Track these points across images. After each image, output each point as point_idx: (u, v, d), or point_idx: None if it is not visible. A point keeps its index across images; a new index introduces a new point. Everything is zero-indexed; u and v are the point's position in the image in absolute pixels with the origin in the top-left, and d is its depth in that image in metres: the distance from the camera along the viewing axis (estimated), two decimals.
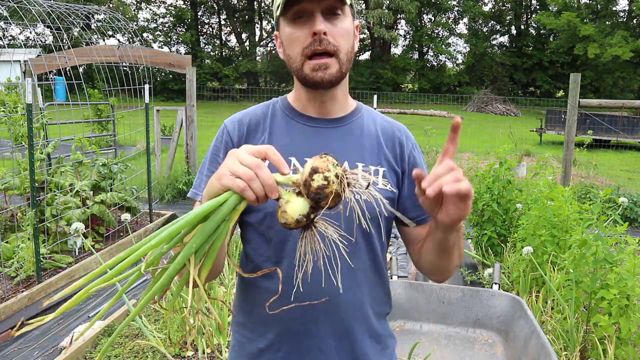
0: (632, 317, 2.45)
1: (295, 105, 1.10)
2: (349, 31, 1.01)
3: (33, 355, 2.87)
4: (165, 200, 6.49)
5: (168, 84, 27.66)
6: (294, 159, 1.03)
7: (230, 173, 0.77)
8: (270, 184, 0.77)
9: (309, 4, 0.95)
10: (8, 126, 4.57)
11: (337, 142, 1.06)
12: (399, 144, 1.11)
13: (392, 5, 28.09)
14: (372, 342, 1.08)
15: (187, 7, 32.04)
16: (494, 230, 4.12)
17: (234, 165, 0.78)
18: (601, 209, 3.05)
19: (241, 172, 0.76)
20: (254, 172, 0.76)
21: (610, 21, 29.07)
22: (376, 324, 1.10)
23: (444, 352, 2.43)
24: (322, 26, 0.95)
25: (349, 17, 1.02)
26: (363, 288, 1.05)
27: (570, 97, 5.48)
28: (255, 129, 1.08)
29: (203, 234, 0.78)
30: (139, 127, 6.30)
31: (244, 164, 0.77)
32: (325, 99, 1.06)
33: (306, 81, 1.01)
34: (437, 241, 0.96)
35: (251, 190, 0.76)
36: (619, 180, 8.02)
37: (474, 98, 25.36)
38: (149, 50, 7.29)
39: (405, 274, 4.12)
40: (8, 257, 3.82)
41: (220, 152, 1.08)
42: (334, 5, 0.97)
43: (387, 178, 1.06)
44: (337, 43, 0.98)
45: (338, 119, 1.08)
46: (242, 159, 0.78)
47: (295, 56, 0.99)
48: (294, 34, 0.98)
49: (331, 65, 0.98)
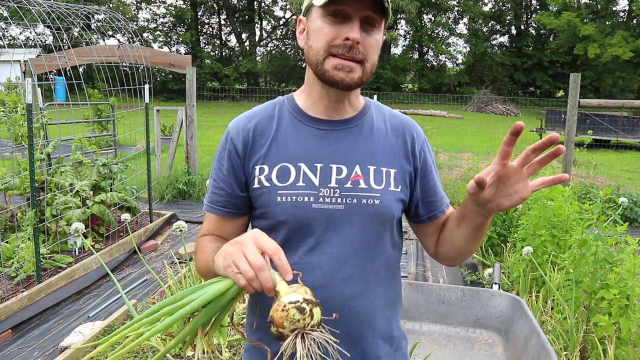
0: (632, 317, 2.45)
1: (303, 105, 1.06)
2: (379, 44, 1.00)
3: (33, 355, 2.87)
4: (165, 200, 6.48)
5: (168, 84, 27.66)
6: (303, 165, 1.00)
7: (234, 266, 0.80)
8: (268, 288, 0.79)
9: (352, 8, 0.93)
10: (8, 126, 4.57)
11: (347, 145, 1.03)
12: (410, 140, 1.09)
13: (392, 5, 27.99)
14: (385, 345, 1.07)
15: (187, 7, 32.04)
16: (494, 230, 4.12)
17: (238, 259, 0.80)
18: (601, 209, 3.05)
19: (243, 270, 0.79)
20: (254, 273, 0.79)
21: (610, 21, 29.07)
22: (389, 326, 1.09)
23: (444, 352, 2.43)
24: (358, 34, 0.94)
25: (382, 30, 1.01)
26: (376, 291, 1.04)
27: (570, 97, 5.48)
28: (262, 133, 1.04)
29: (207, 315, 0.87)
30: (139, 127, 6.30)
31: (248, 260, 0.79)
32: (338, 98, 1.04)
33: (325, 77, 0.98)
34: (476, 226, 0.97)
35: (251, 287, 0.80)
36: (619, 180, 8.02)
37: (474, 98, 25.36)
38: (149, 50, 7.29)
39: (406, 274, 4.12)
40: (8, 257, 3.83)
41: (224, 161, 1.06)
42: (374, 17, 0.96)
43: (399, 179, 1.05)
44: (366, 53, 0.96)
45: (347, 120, 1.05)
46: (247, 254, 0.80)
47: (319, 49, 0.97)
48: (326, 29, 0.95)
49: (356, 70, 0.97)
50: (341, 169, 1.01)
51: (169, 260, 4.38)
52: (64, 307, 3.51)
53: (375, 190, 1.01)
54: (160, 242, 4.92)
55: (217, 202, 1.07)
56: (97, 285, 3.88)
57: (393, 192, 1.03)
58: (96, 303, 3.57)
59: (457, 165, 9.26)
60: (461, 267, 4.34)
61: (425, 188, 1.09)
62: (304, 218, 0.99)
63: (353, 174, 1.01)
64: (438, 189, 1.12)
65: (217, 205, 1.07)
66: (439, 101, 22.98)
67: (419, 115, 20.02)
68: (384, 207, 1.01)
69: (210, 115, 16.19)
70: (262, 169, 1.02)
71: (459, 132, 15.26)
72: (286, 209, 0.99)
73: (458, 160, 9.90)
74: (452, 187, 6.77)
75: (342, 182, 1.00)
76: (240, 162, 1.04)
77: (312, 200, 0.99)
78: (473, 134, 14.32)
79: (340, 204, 0.99)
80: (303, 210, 0.98)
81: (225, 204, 1.06)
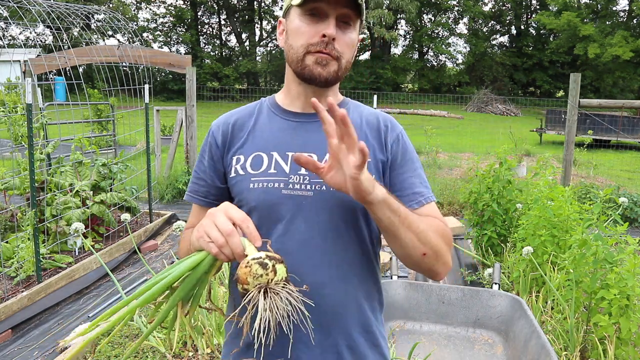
0: (632, 317, 2.44)
1: (282, 102, 1.13)
2: (354, 43, 1.05)
3: (33, 355, 2.87)
4: (165, 200, 6.49)
5: (168, 84, 27.66)
6: (275, 154, 1.05)
7: (206, 236, 0.85)
8: (238, 253, 0.83)
9: (328, 6, 0.99)
10: (8, 126, 4.57)
11: (319, 135, 1.04)
12: (384, 132, 1.11)
13: (392, 5, 28.08)
14: (359, 338, 1.06)
15: (187, 7, 32.03)
16: (494, 230, 4.12)
17: (209, 228, 0.85)
18: (601, 209, 3.04)
19: (214, 238, 0.84)
20: (225, 239, 0.83)
21: (610, 21, 29.08)
22: (365, 320, 1.07)
23: (444, 352, 2.43)
24: (333, 31, 0.99)
25: (357, 30, 1.06)
26: (351, 281, 1.04)
27: (570, 97, 5.48)
28: (240, 127, 1.11)
29: (184, 289, 0.89)
30: (138, 127, 6.30)
31: (218, 228, 0.84)
32: (315, 96, 1.06)
33: (304, 72, 1.03)
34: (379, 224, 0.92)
35: (223, 255, 0.84)
36: (619, 180, 8.02)
37: (474, 98, 25.36)
38: (149, 50, 7.29)
39: (406, 274, 4.12)
40: (8, 257, 3.83)
41: (205, 153, 1.13)
42: (349, 15, 1.01)
43: (372, 169, 1.05)
44: (341, 50, 1.02)
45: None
46: (217, 223, 0.85)
47: (298, 47, 1.02)
48: (304, 28, 1.01)
49: (332, 64, 1.02)
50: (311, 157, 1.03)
51: (169, 260, 4.37)
52: (64, 307, 3.51)
53: None
54: (160, 242, 4.92)
55: (198, 192, 1.14)
56: (97, 285, 3.88)
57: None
58: (96, 303, 3.57)
59: (457, 165, 9.26)
60: (461, 267, 4.34)
61: (392, 182, 1.07)
62: (273, 203, 1.02)
63: (323, 162, 1.01)
64: (408, 185, 1.07)
65: (198, 195, 1.14)
66: (439, 101, 22.98)
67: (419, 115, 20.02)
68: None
69: (210, 115, 16.16)
70: (238, 159, 1.08)
71: (459, 132, 15.26)
72: (257, 195, 1.04)
73: (458, 160, 9.90)
74: (452, 187, 6.77)
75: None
76: (220, 154, 1.11)
77: (282, 186, 1.03)
78: (473, 134, 14.32)
79: (309, 191, 1.02)
80: (273, 195, 1.02)
81: (206, 194, 1.13)
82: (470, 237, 4.63)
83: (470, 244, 4.84)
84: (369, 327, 1.08)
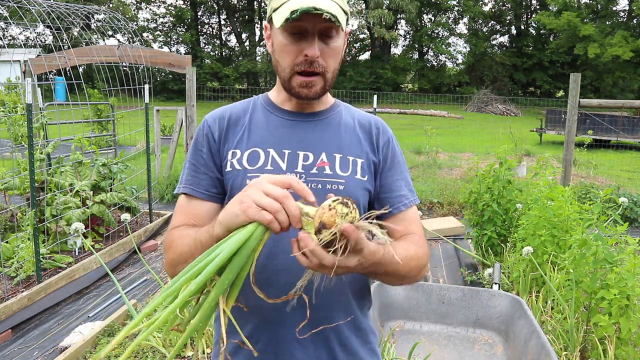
0: (632, 317, 2.45)
1: (276, 100, 1.15)
2: (339, 50, 1.07)
3: (33, 355, 2.87)
4: (165, 200, 6.48)
5: (168, 84, 27.66)
6: (272, 151, 1.07)
7: (255, 205, 0.78)
8: (296, 215, 0.78)
9: (308, 23, 0.99)
10: (8, 126, 4.57)
11: (315, 135, 1.10)
12: (375, 133, 1.15)
13: (392, 5, 28.07)
14: (351, 335, 1.09)
15: (187, 7, 32.03)
16: (494, 230, 4.12)
17: (258, 196, 0.79)
18: (601, 209, 3.04)
19: (267, 205, 0.77)
20: (280, 203, 0.77)
21: (610, 21, 29.06)
22: (357, 317, 1.10)
23: (444, 352, 2.43)
24: (316, 51, 1.00)
25: (342, 35, 1.07)
26: (344, 278, 1.05)
27: (570, 97, 5.48)
28: (235, 122, 1.12)
29: (233, 270, 0.78)
30: (138, 127, 6.30)
31: (270, 195, 0.78)
32: (304, 104, 1.12)
33: (292, 93, 1.07)
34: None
35: (277, 222, 0.78)
36: (619, 180, 8.01)
37: (474, 98, 25.35)
38: (149, 50, 7.29)
39: None
40: (8, 257, 3.82)
41: (203, 146, 1.11)
42: (331, 27, 1.01)
43: (365, 169, 1.09)
44: (326, 64, 1.04)
45: (316, 112, 1.13)
46: (267, 190, 0.79)
47: (285, 67, 1.05)
48: (288, 47, 1.03)
49: (317, 83, 1.05)
50: (308, 156, 1.07)
51: None
52: (64, 307, 3.51)
53: (340, 176, 1.06)
54: (160, 242, 4.91)
55: (199, 185, 1.09)
56: (97, 285, 3.88)
57: (359, 180, 1.08)
58: (96, 303, 3.57)
59: (457, 165, 9.25)
60: (461, 267, 4.34)
61: (382, 184, 1.12)
62: None
63: (319, 160, 1.06)
64: (396, 187, 1.12)
65: (199, 188, 1.09)
66: (439, 101, 22.98)
67: (419, 115, 20.01)
68: (347, 193, 1.05)
69: None
70: (234, 153, 1.08)
71: (459, 132, 15.25)
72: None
73: (458, 160, 9.89)
74: (452, 187, 6.77)
75: (308, 167, 1.06)
76: (217, 147, 1.11)
77: None
78: (473, 134, 14.31)
79: None
80: None
81: (207, 187, 1.09)
82: (470, 237, 4.63)
83: (470, 244, 4.84)
84: (359, 324, 1.11)
